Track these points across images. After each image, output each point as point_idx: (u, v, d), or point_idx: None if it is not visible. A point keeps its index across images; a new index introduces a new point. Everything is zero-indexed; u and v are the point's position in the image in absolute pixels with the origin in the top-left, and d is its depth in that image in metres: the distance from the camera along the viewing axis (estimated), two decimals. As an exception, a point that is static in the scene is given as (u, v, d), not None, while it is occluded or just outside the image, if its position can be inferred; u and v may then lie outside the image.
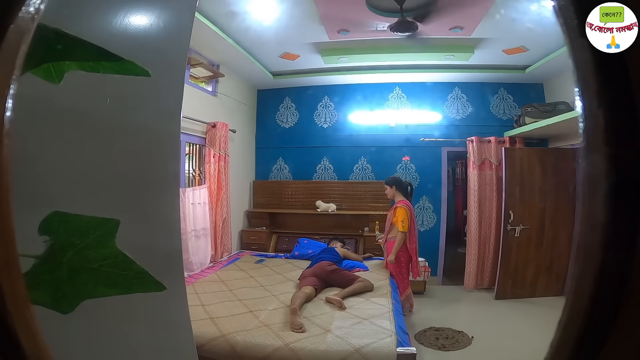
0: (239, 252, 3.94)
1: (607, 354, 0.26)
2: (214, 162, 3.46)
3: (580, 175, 0.27)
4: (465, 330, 2.87)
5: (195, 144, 3.45)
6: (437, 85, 4.27)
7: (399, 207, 3.16)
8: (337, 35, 3.09)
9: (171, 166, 0.71)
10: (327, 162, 4.55)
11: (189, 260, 3.00)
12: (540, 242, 3.62)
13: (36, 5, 0.31)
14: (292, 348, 1.77)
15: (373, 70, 4.03)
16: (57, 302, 0.49)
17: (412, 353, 1.78)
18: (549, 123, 3.27)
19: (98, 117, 0.58)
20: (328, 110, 4.54)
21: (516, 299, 3.58)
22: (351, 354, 1.73)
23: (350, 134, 4.46)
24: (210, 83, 3.69)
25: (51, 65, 0.49)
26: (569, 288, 0.28)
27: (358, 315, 2.22)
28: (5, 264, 0.28)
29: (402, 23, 2.65)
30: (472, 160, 4.03)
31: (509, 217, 3.60)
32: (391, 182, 3.30)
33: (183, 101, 0.72)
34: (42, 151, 0.51)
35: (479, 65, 3.75)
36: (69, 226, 0.51)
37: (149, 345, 0.66)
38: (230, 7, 2.64)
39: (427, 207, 4.31)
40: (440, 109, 4.31)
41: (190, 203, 3.04)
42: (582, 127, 0.27)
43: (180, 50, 0.72)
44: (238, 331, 1.90)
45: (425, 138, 4.23)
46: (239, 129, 4.08)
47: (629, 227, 0.25)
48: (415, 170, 4.33)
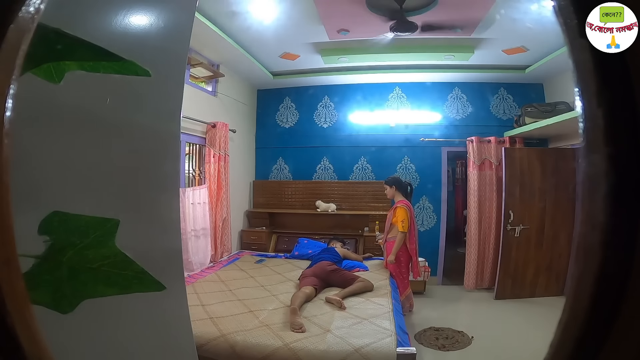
0: (239, 252, 3.94)
1: (607, 354, 0.26)
2: (214, 162, 3.46)
3: (580, 175, 0.27)
4: (465, 330, 2.87)
5: (195, 144, 3.45)
6: (437, 85, 4.27)
7: (398, 207, 3.16)
8: (337, 35, 3.09)
9: (171, 166, 0.71)
10: (327, 162, 4.55)
11: (189, 260, 3.00)
12: (540, 242, 3.62)
13: (36, 5, 0.31)
14: (292, 348, 1.77)
15: (373, 70, 4.03)
16: (57, 302, 0.49)
17: (412, 353, 1.78)
18: (549, 123, 3.27)
19: (98, 117, 0.58)
20: (328, 110, 4.55)
21: (516, 299, 3.58)
22: (351, 354, 1.73)
23: (350, 134, 4.46)
24: (210, 83, 3.69)
25: (51, 65, 0.49)
26: (569, 288, 0.28)
27: (358, 315, 2.22)
28: (5, 264, 0.28)
29: (402, 23, 2.65)
30: (472, 160, 4.03)
31: (509, 217, 3.60)
32: (391, 182, 3.30)
33: (183, 101, 0.72)
34: (42, 151, 0.51)
35: (479, 65, 3.75)
36: (69, 226, 0.51)
37: (149, 345, 0.66)
38: (230, 7, 2.64)
39: (427, 207, 4.31)
40: (440, 109, 4.31)
41: (190, 203, 3.04)
42: (582, 127, 0.27)
43: (181, 50, 0.72)
44: (238, 331, 1.91)
45: (425, 138, 4.23)
46: (239, 129, 4.08)
47: (629, 227, 0.25)
48: (415, 170, 4.34)
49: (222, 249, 3.61)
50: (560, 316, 0.28)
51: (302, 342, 1.82)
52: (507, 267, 3.63)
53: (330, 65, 3.77)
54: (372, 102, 4.39)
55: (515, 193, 3.62)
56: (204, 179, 3.45)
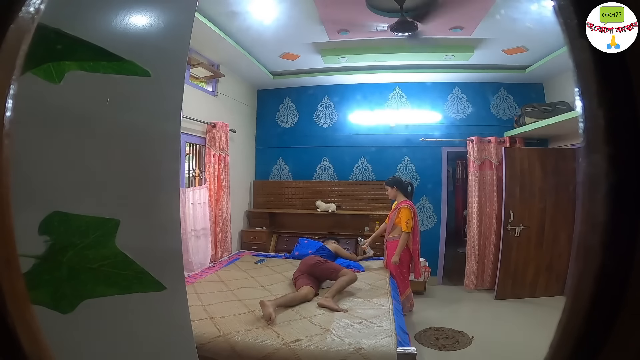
0: (239, 252, 3.94)
1: (607, 354, 0.26)
2: (214, 162, 3.46)
3: (580, 175, 0.27)
4: (465, 330, 2.87)
5: (195, 144, 3.45)
6: (437, 85, 4.27)
7: (403, 207, 3.16)
8: (337, 35, 3.09)
9: (171, 166, 0.71)
10: (327, 162, 4.55)
11: (189, 260, 3.00)
12: (540, 242, 3.62)
13: (36, 5, 0.31)
14: (292, 348, 1.77)
15: (373, 70, 4.03)
16: (57, 302, 0.49)
17: (412, 353, 1.78)
18: (549, 123, 3.27)
19: (98, 117, 0.58)
20: (328, 110, 4.55)
21: (516, 299, 3.58)
22: (351, 354, 1.73)
23: (350, 134, 4.46)
24: (210, 83, 3.69)
25: (51, 65, 0.49)
26: (569, 288, 0.28)
27: (358, 315, 2.22)
28: (5, 264, 0.28)
29: (402, 23, 2.65)
30: (472, 160, 4.03)
31: (509, 217, 3.60)
32: (392, 182, 3.30)
33: (183, 101, 0.72)
34: (42, 151, 0.51)
35: (479, 65, 3.75)
36: (69, 226, 0.51)
37: (149, 345, 0.66)
38: (230, 7, 2.64)
39: (427, 207, 4.31)
40: (440, 109, 4.31)
41: (190, 203, 3.04)
42: (582, 127, 0.27)
43: (181, 50, 0.72)
44: (238, 331, 1.91)
45: (425, 138, 4.23)
46: (239, 129, 4.08)
47: (629, 227, 0.25)
48: (415, 170, 4.33)
49: (222, 249, 3.61)
50: (560, 316, 0.27)
51: (302, 342, 1.82)
52: (507, 267, 3.63)
53: (330, 65, 3.77)
54: (372, 102, 4.39)
55: (515, 193, 3.62)
56: (204, 179, 3.45)
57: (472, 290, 3.94)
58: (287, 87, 4.51)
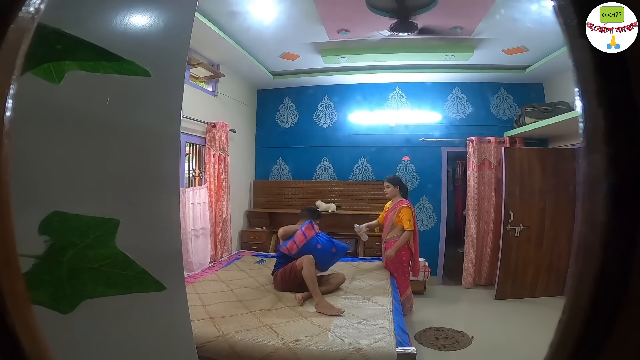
0: (239, 252, 3.94)
1: (607, 354, 0.26)
2: (214, 162, 3.46)
3: (580, 175, 0.27)
4: (465, 330, 2.87)
5: (195, 144, 3.45)
6: (437, 85, 4.27)
7: (403, 207, 3.17)
8: (337, 35, 3.09)
9: (171, 166, 0.71)
10: (327, 162, 4.55)
11: (189, 260, 3.00)
12: (540, 242, 3.62)
13: (36, 5, 0.31)
14: (292, 348, 1.77)
15: (373, 70, 4.02)
16: (57, 302, 0.49)
17: (412, 353, 1.77)
18: (549, 123, 3.27)
19: (98, 117, 0.58)
20: (328, 110, 4.54)
21: (516, 299, 3.58)
22: (351, 354, 1.73)
23: (350, 134, 4.46)
24: (210, 83, 3.69)
25: (51, 65, 0.49)
26: (569, 288, 0.28)
27: (358, 315, 2.22)
28: (5, 264, 0.28)
29: (402, 23, 2.65)
30: (472, 160, 4.03)
31: (509, 217, 3.60)
32: (393, 181, 3.30)
33: (183, 101, 0.72)
34: (42, 151, 0.51)
35: (479, 65, 3.75)
36: (69, 226, 0.51)
37: (149, 345, 0.66)
38: (230, 7, 2.64)
39: (427, 207, 4.31)
40: (440, 109, 4.31)
41: (190, 203, 3.04)
42: (582, 127, 0.27)
43: (181, 50, 0.72)
44: (238, 331, 1.90)
45: (425, 138, 4.23)
46: (239, 129, 4.08)
47: (629, 227, 0.25)
48: (415, 170, 4.33)
49: (222, 249, 3.61)
50: (560, 316, 0.27)
51: (302, 342, 1.82)
52: (507, 267, 3.63)
53: (330, 65, 3.77)
54: (372, 102, 4.39)
55: (515, 193, 3.61)
56: (204, 179, 3.45)
57: (470, 287, 3.96)
58: (287, 87, 4.51)
